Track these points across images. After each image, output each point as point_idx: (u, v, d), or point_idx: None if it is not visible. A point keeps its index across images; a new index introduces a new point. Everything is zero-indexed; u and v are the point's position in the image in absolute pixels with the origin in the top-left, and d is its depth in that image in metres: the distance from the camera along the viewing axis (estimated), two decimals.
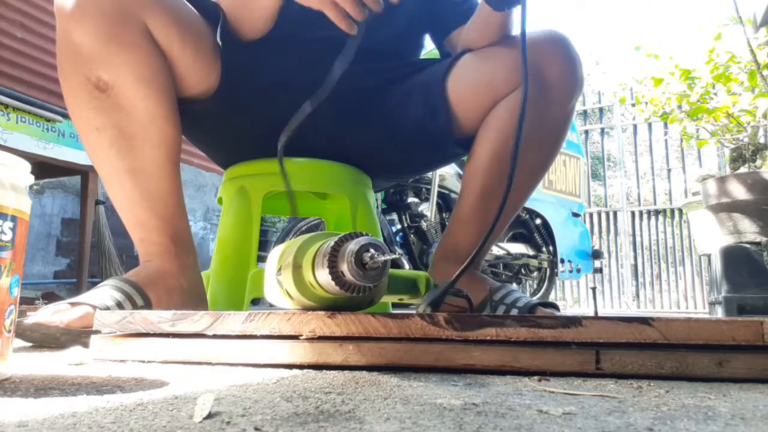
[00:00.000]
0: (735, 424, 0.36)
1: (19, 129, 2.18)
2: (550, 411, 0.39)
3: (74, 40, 0.87)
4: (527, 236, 3.29)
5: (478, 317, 0.57)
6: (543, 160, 1.11)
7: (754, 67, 2.34)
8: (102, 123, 0.90)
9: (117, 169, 0.92)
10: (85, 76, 0.88)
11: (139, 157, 0.91)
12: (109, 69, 0.88)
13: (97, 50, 0.87)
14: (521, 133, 0.87)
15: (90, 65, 0.88)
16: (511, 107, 1.03)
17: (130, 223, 0.95)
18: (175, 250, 0.94)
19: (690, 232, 4.95)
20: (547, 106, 1.03)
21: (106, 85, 0.89)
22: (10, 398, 0.42)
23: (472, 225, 1.08)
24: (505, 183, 1.05)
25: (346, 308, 0.63)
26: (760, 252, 2.30)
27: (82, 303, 0.80)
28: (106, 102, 0.89)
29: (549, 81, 1.02)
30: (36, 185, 3.14)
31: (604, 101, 6.21)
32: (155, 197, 0.93)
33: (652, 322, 0.55)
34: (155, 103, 0.91)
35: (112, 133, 0.90)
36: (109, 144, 0.91)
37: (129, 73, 0.89)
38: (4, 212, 0.49)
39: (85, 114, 0.90)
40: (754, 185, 2.32)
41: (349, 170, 1.20)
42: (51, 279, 3.21)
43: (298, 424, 0.35)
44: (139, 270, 0.93)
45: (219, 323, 0.62)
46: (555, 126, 1.07)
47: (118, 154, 0.91)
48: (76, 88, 0.90)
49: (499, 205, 0.87)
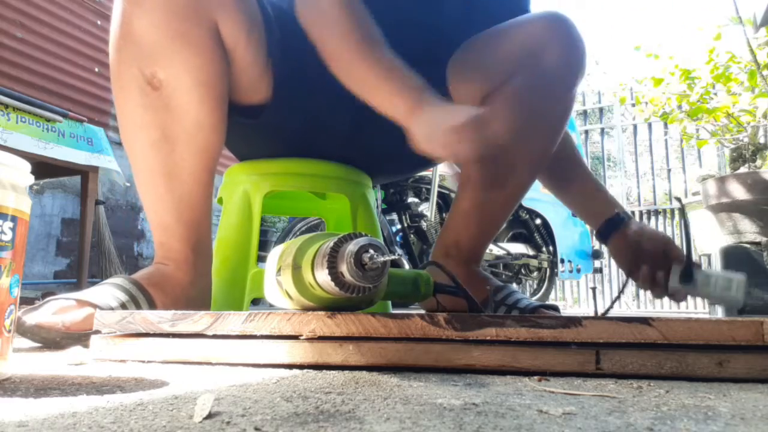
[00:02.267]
0: (735, 424, 0.36)
1: (19, 129, 2.18)
2: (550, 411, 0.39)
3: (136, 30, 0.82)
4: (527, 236, 3.29)
5: (478, 317, 0.57)
6: (544, 149, 1.07)
7: (754, 67, 2.34)
8: (148, 121, 0.86)
9: (153, 170, 0.89)
10: (140, 69, 0.84)
11: (177, 163, 0.88)
12: (167, 67, 0.84)
13: (160, 45, 0.83)
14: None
15: (148, 59, 0.83)
16: (509, 99, 1.00)
17: (154, 224, 0.93)
18: (194, 259, 0.92)
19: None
20: (547, 93, 1.00)
21: (160, 83, 0.84)
22: (10, 398, 0.42)
23: (472, 220, 1.07)
24: (506, 176, 1.04)
25: (345, 308, 0.63)
26: (760, 252, 2.30)
27: (86, 302, 0.78)
28: (156, 100, 0.85)
29: (548, 67, 0.98)
30: (36, 185, 3.14)
31: (604, 101, 6.21)
32: (185, 204, 0.90)
33: (652, 322, 0.55)
34: (207, 112, 0.88)
35: (155, 134, 0.87)
36: (150, 144, 0.87)
37: (187, 75, 0.85)
38: (4, 212, 0.49)
39: (132, 108, 0.87)
40: (754, 185, 2.32)
41: (349, 170, 1.20)
42: (51, 279, 3.21)
43: (298, 424, 0.35)
44: (150, 272, 0.91)
45: (219, 323, 0.62)
46: (556, 113, 1.04)
47: (157, 156, 0.88)
48: (127, 79, 0.85)
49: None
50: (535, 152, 1.05)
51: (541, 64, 0.98)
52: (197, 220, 0.92)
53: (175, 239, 0.91)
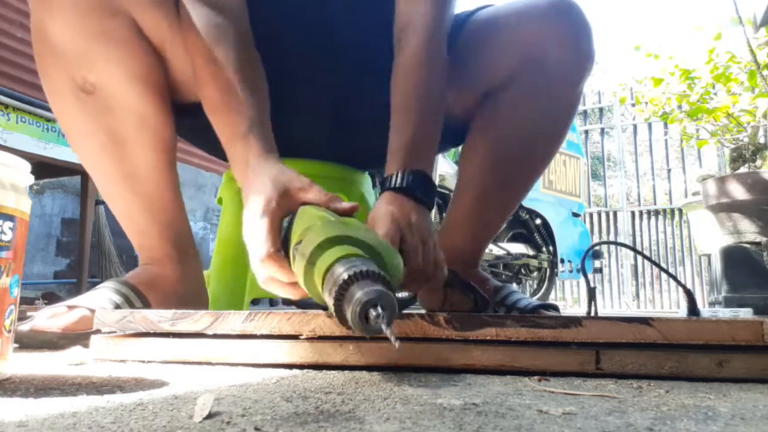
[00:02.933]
0: (735, 424, 0.36)
1: (19, 129, 2.18)
2: (550, 411, 0.39)
3: (52, 37, 0.79)
4: (527, 236, 3.29)
5: (478, 317, 0.57)
6: (546, 152, 1.02)
7: (754, 67, 2.34)
8: (91, 127, 0.84)
9: (111, 176, 0.87)
10: (69, 75, 0.81)
11: (133, 162, 0.86)
12: (95, 68, 0.80)
13: (81, 48, 0.79)
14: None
15: (73, 65, 0.80)
16: (511, 100, 0.94)
17: (130, 231, 0.91)
18: (177, 256, 0.91)
19: (690, 232, 4.95)
20: (550, 92, 0.93)
21: (93, 86, 0.81)
22: (10, 398, 0.42)
23: (467, 226, 1.01)
24: (504, 185, 0.97)
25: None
26: (760, 252, 2.30)
27: (79, 306, 0.78)
28: (94, 105, 0.82)
29: (552, 64, 0.91)
30: (36, 185, 3.14)
31: (604, 101, 6.21)
32: (154, 203, 0.88)
33: (652, 322, 0.55)
34: (148, 103, 0.85)
35: (103, 138, 0.84)
36: (100, 149, 0.85)
37: (118, 71, 0.81)
38: (4, 212, 0.49)
39: (73, 118, 0.84)
40: (754, 185, 2.32)
41: (349, 170, 1.20)
42: (51, 279, 3.21)
43: (298, 424, 0.35)
44: (139, 272, 0.90)
45: (219, 322, 0.62)
46: (560, 113, 0.97)
47: (111, 160, 0.85)
48: (59, 89, 0.83)
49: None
50: (537, 155, 1.00)
51: (543, 62, 0.91)
52: (170, 216, 0.90)
53: (155, 239, 0.89)
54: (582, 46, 0.91)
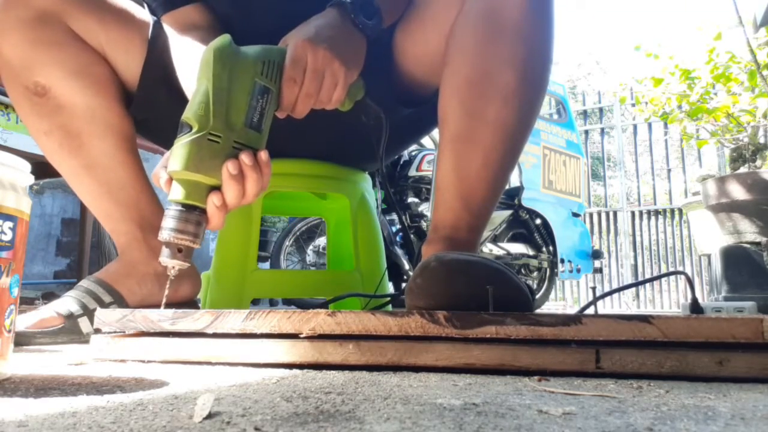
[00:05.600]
0: (735, 424, 0.36)
1: (19, 129, 2.18)
2: (550, 411, 0.39)
3: (4, 54, 0.89)
4: (527, 236, 3.29)
5: (478, 315, 0.57)
6: (510, 78, 0.83)
7: (754, 67, 2.34)
8: (48, 126, 0.92)
9: (73, 168, 0.95)
10: (23, 85, 0.90)
11: (90, 152, 0.93)
12: (41, 72, 0.90)
13: (27, 58, 0.89)
14: None
15: (25, 74, 0.90)
16: (461, 32, 0.84)
17: (100, 217, 0.99)
18: (143, 235, 0.97)
19: (690, 232, 4.96)
20: (495, 13, 0.82)
21: (43, 89, 0.90)
22: (10, 398, 0.42)
23: (450, 193, 0.86)
24: (480, 127, 0.83)
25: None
26: (760, 252, 2.30)
27: (47, 309, 0.89)
28: (46, 106, 0.91)
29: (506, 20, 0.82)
30: (36, 185, 3.14)
31: (604, 101, 6.21)
32: (115, 186, 0.95)
33: (652, 319, 0.55)
34: (93, 95, 0.92)
35: (59, 135, 0.92)
36: (59, 145, 0.93)
37: (60, 70, 0.90)
38: (4, 212, 0.49)
39: (32, 121, 0.93)
40: (753, 185, 2.32)
41: (349, 170, 1.20)
42: (51, 279, 3.21)
43: (298, 424, 0.35)
44: (110, 265, 0.99)
45: (219, 321, 0.62)
46: (509, 31, 0.82)
47: (70, 154, 0.93)
48: (19, 99, 0.92)
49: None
50: (501, 83, 0.83)
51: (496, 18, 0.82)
52: (133, 197, 0.97)
53: (120, 222, 0.97)
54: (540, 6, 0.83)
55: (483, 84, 0.84)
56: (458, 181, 0.85)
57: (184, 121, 0.68)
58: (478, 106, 0.84)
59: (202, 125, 0.66)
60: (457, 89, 0.85)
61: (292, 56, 0.74)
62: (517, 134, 0.87)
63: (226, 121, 0.67)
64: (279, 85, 0.75)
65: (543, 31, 0.85)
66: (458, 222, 0.85)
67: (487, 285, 0.65)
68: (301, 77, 0.75)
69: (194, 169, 0.66)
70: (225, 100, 0.68)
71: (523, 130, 0.88)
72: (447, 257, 0.70)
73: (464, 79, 0.85)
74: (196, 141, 0.66)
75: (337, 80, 0.78)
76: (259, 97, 0.71)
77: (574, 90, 11.52)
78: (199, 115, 0.67)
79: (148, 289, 0.97)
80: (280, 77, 0.74)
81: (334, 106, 0.82)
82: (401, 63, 0.97)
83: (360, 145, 1.11)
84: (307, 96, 0.76)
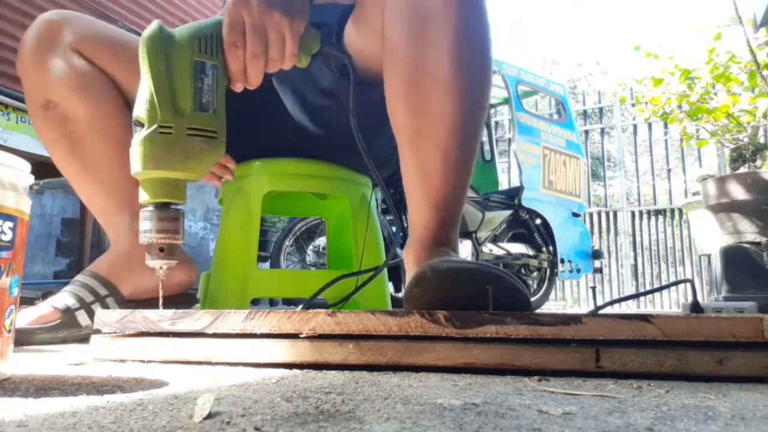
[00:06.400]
0: (735, 424, 0.36)
1: (19, 129, 2.18)
2: (550, 411, 0.39)
3: (23, 74, 1.02)
4: (527, 236, 3.29)
5: (478, 315, 0.57)
6: (443, 67, 0.80)
7: (754, 67, 2.34)
8: (56, 135, 1.02)
9: (77, 172, 1.04)
10: (39, 104, 1.01)
11: (89, 156, 1.02)
12: (50, 90, 1.00)
13: (40, 79, 1.01)
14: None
15: (39, 94, 1.01)
16: (390, 31, 0.81)
17: (96, 213, 1.07)
18: (134, 224, 1.01)
19: (690, 232, 4.96)
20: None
21: (54, 104, 1.01)
22: (10, 398, 0.42)
23: (415, 194, 0.84)
24: (428, 122, 0.80)
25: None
26: (760, 252, 2.29)
27: (44, 305, 0.93)
28: (55, 117, 1.01)
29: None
30: (36, 185, 3.14)
31: (604, 101, 6.21)
32: (111, 185, 1.03)
33: (652, 319, 0.55)
34: (93, 106, 1.01)
35: (65, 142, 1.02)
36: (65, 151, 1.03)
37: (65, 87, 1.00)
38: (4, 212, 0.49)
39: (43, 132, 1.03)
40: (753, 185, 2.32)
41: (349, 170, 1.20)
42: (51, 279, 3.21)
43: (298, 424, 0.35)
44: (102, 258, 1.06)
45: (219, 321, 0.62)
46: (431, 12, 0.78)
47: (74, 158, 1.03)
48: (36, 117, 1.03)
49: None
50: (431, 69, 0.80)
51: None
52: (126, 192, 1.03)
53: (114, 215, 1.04)
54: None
55: (420, 78, 0.81)
56: (420, 180, 0.84)
57: (135, 121, 0.66)
58: (420, 102, 0.81)
59: (151, 120, 0.64)
60: (397, 88, 0.83)
61: (227, 21, 0.72)
62: (467, 123, 0.83)
63: (174, 110, 0.65)
64: (223, 57, 0.71)
65: (472, 15, 0.81)
66: (428, 222, 0.83)
67: (485, 291, 0.65)
68: (242, 40, 0.72)
69: (153, 166, 0.64)
70: (167, 88, 0.65)
71: (474, 118, 0.84)
72: (442, 266, 0.69)
73: (402, 78, 0.82)
74: (148, 137, 0.64)
75: (283, 32, 0.75)
76: (203, 76, 0.68)
77: (575, 90, 11.52)
78: (146, 111, 0.65)
79: (141, 277, 1.03)
80: (221, 49, 0.71)
81: (290, 64, 0.78)
82: (359, 61, 0.92)
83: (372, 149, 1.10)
84: (253, 57, 0.73)
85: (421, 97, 0.81)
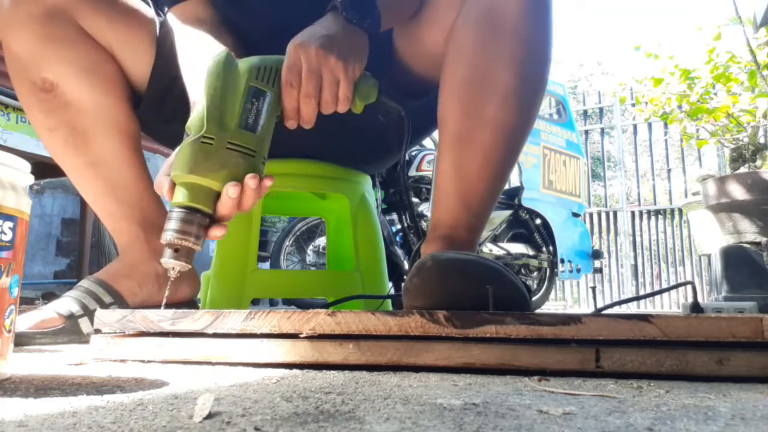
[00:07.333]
0: (735, 424, 0.36)
1: (19, 129, 2.18)
2: (550, 411, 0.39)
3: (13, 49, 0.89)
4: (527, 236, 3.29)
5: (478, 314, 0.57)
6: (508, 77, 0.83)
7: (754, 67, 2.34)
8: (54, 123, 0.92)
9: (78, 166, 0.95)
10: (30, 80, 0.90)
11: (95, 150, 0.94)
12: (50, 69, 0.89)
13: (36, 53, 0.89)
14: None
15: (33, 69, 0.90)
16: (460, 32, 0.85)
17: (102, 215, 0.99)
18: (145, 235, 0.97)
19: (690, 232, 4.96)
20: (491, 14, 0.83)
21: (51, 85, 0.90)
22: (10, 398, 0.42)
23: (449, 192, 0.86)
24: (479, 127, 0.83)
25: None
26: (760, 252, 2.29)
27: (47, 309, 0.88)
28: (53, 102, 0.91)
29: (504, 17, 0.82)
30: (36, 185, 3.14)
31: (604, 101, 6.21)
32: (118, 186, 0.95)
33: (652, 319, 0.55)
34: (101, 93, 0.93)
35: (65, 132, 0.92)
36: (64, 142, 0.93)
37: (69, 68, 0.90)
38: (4, 212, 0.49)
39: (38, 117, 0.93)
40: (753, 185, 2.32)
41: (349, 170, 1.20)
42: (51, 279, 3.21)
43: (298, 424, 0.35)
44: (110, 265, 0.98)
45: (219, 321, 0.62)
46: (504, 29, 0.82)
47: (76, 151, 0.93)
48: (25, 94, 0.92)
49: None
50: (500, 83, 0.83)
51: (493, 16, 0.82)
52: (136, 197, 0.97)
53: (122, 221, 0.97)
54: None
55: (481, 84, 0.84)
56: (458, 181, 0.85)
57: (186, 130, 0.70)
58: (476, 106, 0.84)
59: (197, 130, 0.69)
60: (455, 90, 0.85)
61: (287, 61, 0.75)
62: (517, 134, 0.87)
63: (220, 124, 0.69)
64: (278, 90, 0.75)
65: (541, 30, 0.85)
66: (457, 221, 0.85)
67: (484, 283, 0.65)
68: (298, 80, 0.75)
69: (190, 171, 0.67)
70: (218, 104, 0.70)
71: (523, 129, 0.88)
72: (443, 256, 0.70)
73: (463, 80, 0.85)
74: (190, 144, 0.68)
75: (337, 76, 0.77)
76: (254, 100, 0.72)
77: (575, 90, 11.52)
78: (194, 121, 0.69)
79: (149, 289, 0.97)
80: (279, 83, 0.75)
81: (344, 107, 0.80)
82: (403, 60, 0.97)
83: (371, 146, 1.11)
84: (306, 97, 0.75)
85: (477, 101, 0.84)
